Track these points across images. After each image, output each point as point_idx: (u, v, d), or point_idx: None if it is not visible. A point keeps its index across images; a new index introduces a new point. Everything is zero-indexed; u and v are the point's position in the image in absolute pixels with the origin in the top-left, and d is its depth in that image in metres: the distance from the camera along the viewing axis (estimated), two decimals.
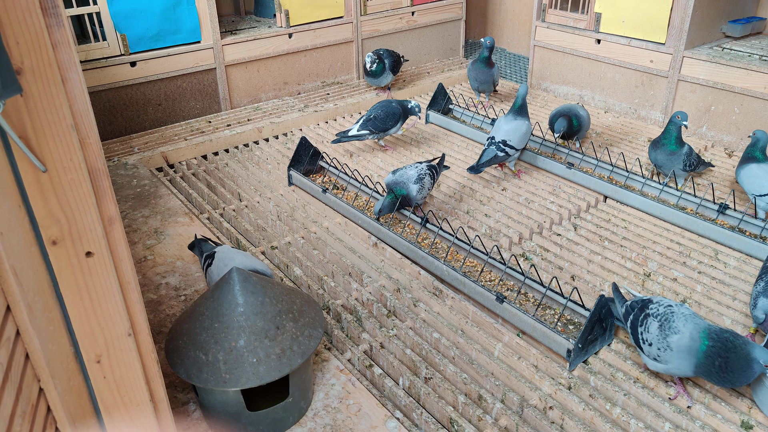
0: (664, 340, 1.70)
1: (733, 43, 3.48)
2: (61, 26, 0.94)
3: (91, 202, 1.01)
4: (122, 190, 2.87)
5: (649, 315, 1.78)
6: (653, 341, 1.73)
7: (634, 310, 1.84)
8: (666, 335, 1.70)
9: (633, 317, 1.82)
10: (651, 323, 1.75)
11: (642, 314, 1.80)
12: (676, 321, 1.72)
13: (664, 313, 1.75)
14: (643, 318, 1.79)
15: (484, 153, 2.88)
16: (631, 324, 1.83)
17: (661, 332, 1.71)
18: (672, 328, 1.70)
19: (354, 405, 1.70)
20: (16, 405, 0.89)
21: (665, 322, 1.72)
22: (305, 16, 3.96)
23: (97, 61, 3.26)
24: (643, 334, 1.76)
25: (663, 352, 1.71)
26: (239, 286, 1.53)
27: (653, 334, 1.73)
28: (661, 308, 1.77)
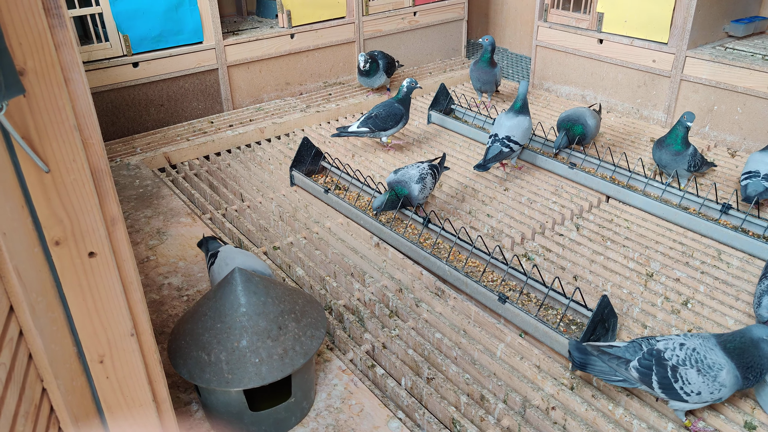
0: (714, 382, 1.58)
1: (736, 43, 3.47)
2: (64, 27, 0.94)
3: (93, 202, 1.02)
4: (125, 191, 2.87)
5: (677, 367, 1.60)
6: (702, 389, 1.58)
7: (652, 367, 1.62)
8: (714, 377, 1.58)
9: (659, 376, 1.61)
10: (687, 374, 1.59)
11: (667, 370, 1.61)
12: (708, 356, 1.60)
13: (689, 356, 1.61)
14: (672, 373, 1.60)
15: (489, 150, 2.88)
16: (661, 385, 1.61)
17: (705, 377, 1.58)
18: (713, 367, 1.59)
19: (356, 405, 1.70)
20: (19, 405, 0.89)
21: (700, 365, 1.59)
22: (307, 16, 3.96)
23: (100, 61, 3.26)
24: (685, 388, 1.59)
25: (718, 392, 1.59)
26: (242, 286, 1.53)
27: (697, 383, 1.58)
28: (681, 352, 1.62)
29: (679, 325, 2.05)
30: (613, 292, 2.22)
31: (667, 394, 1.62)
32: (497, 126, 2.93)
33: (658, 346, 1.66)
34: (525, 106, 2.93)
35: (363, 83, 3.97)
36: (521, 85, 2.94)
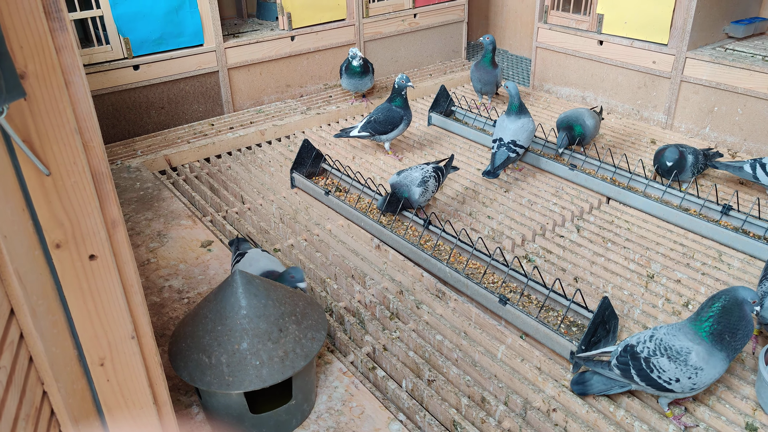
0: (686, 366, 1.61)
1: (736, 44, 3.47)
2: (65, 30, 0.94)
3: (94, 205, 1.02)
4: (125, 193, 2.87)
5: (648, 358, 1.64)
6: (678, 375, 1.61)
7: (628, 362, 1.67)
8: (684, 361, 1.61)
9: (636, 370, 1.65)
10: (659, 362, 1.63)
11: (641, 362, 1.65)
12: (674, 343, 1.64)
13: (657, 345, 1.65)
14: (646, 364, 1.64)
15: (496, 156, 2.88)
16: (640, 377, 1.65)
17: (676, 362, 1.62)
18: (681, 352, 1.62)
19: (357, 407, 1.70)
20: (19, 408, 0.89)
21: (669, 351, 1.63)
22: (307, 18, 3.96)
23: (101, 64, 3.27)
24: (662, 376, 1.62)
25: (696, 376, 1.61)
26: (242, 288, 1.53)
27: (671, 369, 1.62)
28: (650, 344, 1.67)
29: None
30: (613, 294, 2.22)
31: (650, 385, 1.65)
32: (501, 130, 2.93)
33: (631, 341, 1.71)
34: (523, 107, 2.93)
35: (351, 86, 3.80)
36: (511, 87, 2.92)
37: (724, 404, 1.74)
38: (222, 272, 2.30)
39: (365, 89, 3.86)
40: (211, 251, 2.43)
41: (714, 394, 1.79)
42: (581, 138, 3.09)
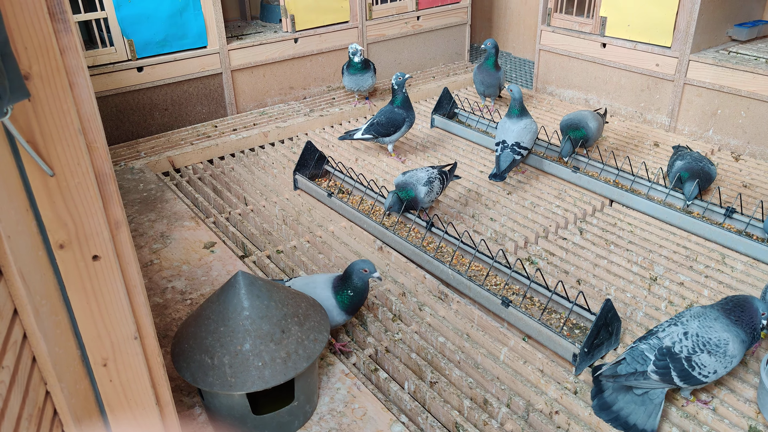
0: (725, 356, 1.64)
1: (740, 47, 3.47)
2: (69, 32, 0.95)
3: (98, 206, 1.02)
4: (129, 194, 2.88)
5: (690, 357, 1.63)
6: (717, 368, 1.64)
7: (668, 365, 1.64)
8: (724, 353, 1.64)
9: (677, 371, 1.63)
10: (701, 359, 1.63)
11: (682, 363, 1.64)
12: (712, 336, 1.65)
13: (696, 342, 1.65)
14: (688, 364, 1.63)
15: (501, 159, 2.87)
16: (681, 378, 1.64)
17: (717, 356, 1.64)
18: (720, 344, 1.64)
19: (359, 409, 1.70)
20: (22, 408, 0.89)
21: (709, 346, 1.64)
22: (311, 21, 3.97)
23: (105, 66, 3.28)
24: (703, 372, 1.64)
25: (731, 364, 1.66)
26: (245, 290, 1.54)
27: (712, 363, 1.64)
28: (687, 342, 1.66)
29: None
30: (616, 296, 2.21)
31: (689, 382, 1.65)
32: (504, 132, 2.92)
33: (665, 343, 1.67)
34: (524, 109, 2.93)
35: (352, 83, 3.79)
36: (514, 90, 2.93)
37: (727, 407, 1.74)
38: (225, 273, 2.30)
39: (366, 86, 3.83)
40: (214, 252, 2.43)
41: (717, 397, 1.78)
42: (584, 141, 3.09)
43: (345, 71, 3.78)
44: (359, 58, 3.68)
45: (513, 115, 2.93)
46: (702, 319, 1.70)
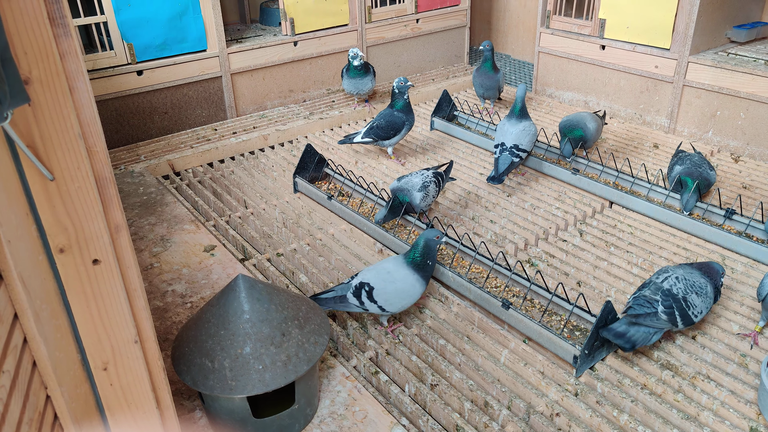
0: (707, 297, 1.94)
1: (738, 48, 3.47)
2: (69, 36, 0.95)
3: (98, 210, 1.02)
4: (129, 198, 2.88)
5: (685, 297, 1.89)
6: (702, 309, 1.92)
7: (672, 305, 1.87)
8: (706, 293, 1.93)
9: (679, 311, 1.88)
10: (692, 299, 1.90)
11: (681, 302, 1.88)
12: (696, 280, 1.94)
13: (687, 285, 1.92)
14: (685, 303, 1.89)
15: (499, 161, 2.87)
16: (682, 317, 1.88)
17: (702, 297, 1.92)
18: (703, 287, 1.93)
19: (360, 412, 1.70)
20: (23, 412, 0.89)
21: (696, 288, 1.92)
22: (310, 24, 3.98)
23: (105, 70, 3.28)
24: (694, 311, 1.90)
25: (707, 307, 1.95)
26: (245, 293, 1.54)
27: (699, 304, 1.91)
28: (680, 284, 1.91)
29: (683, 331, 2.04)
30: (617, 298, 2.21)
31: (684, 322, 1.88)
32: (502, 134, 2.92)
33: (665, 286, 1.92)
34: (525, 110, 2.93)
35: (352, 87, 3.80)
36: (520, 89, 2.93)
37: (728, 409, 1.74)
38: (225, 277, 2.30)
39: (366, 90, 3.83)
40: (214, 256, 2.43)
41: (718, 398, 1.78)
42: (583, 141, 3.09)
43: (344, 75, 3.79)
44: (359, 62, 3.68)
45: (513, 117, 2.92)
46: (685, 269, 1.98)
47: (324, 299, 1.98)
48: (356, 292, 1.97)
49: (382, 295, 1.96)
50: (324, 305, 1.97)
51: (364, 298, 1.95)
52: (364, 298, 1.95)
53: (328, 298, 1.98)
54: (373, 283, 1.96)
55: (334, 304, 1.98)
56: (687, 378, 1.85)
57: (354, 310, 1.99)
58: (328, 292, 2.00)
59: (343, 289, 2.00)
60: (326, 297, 1.99)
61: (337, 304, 1.97)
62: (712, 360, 1.92)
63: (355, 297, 1.96)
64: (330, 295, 1.99)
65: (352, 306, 1.98)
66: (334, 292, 2.00)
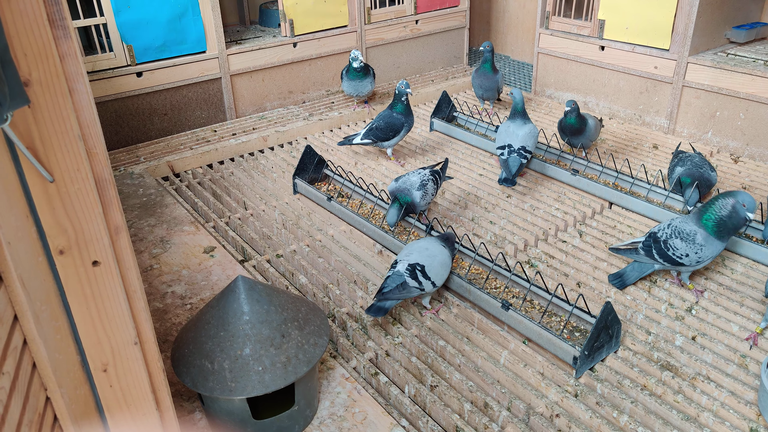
0: (694, 243, 2.09)
1: (738, 49, 3.48)
2: (69, 38, 0.95)
3: (97, 211, 1.02)
4: (128, 200, 2.88)
5: (666, 240, 2.13)
6: (688, 252, 2.10)
7: (651, 245, 2.17)
8: (693, 240, 2.10)
9: (656, 250, 2.15)
10: (674, 243, 2.12)
11: (660, 244, 2.14)
12: (685, 228, 2.13)
13: (673, 230, 2.14)
14: (665, 245, 2.13)
15: (509, 162, 2.88)
16: (660, 255, 2.15)
17: (687, 242, 2.10)
18: (690, 234, 2.11)
19: (360, 413, 1.70)
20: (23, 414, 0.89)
21: (682, 234, 2.11)
22: (310, 25, 3.98)
23: (104, 71, 3.29)
24: (676, 253, 2.11)
25: (702, 251, 2.09)
26: (244, 294, 1.54)
27: (682, 247, 2.10)
28: (668, 230, 2.16)
29: (683, 332, 2.04)
30: (616, 299, 2.21)
31: (665, 260, 2.14)
32: (508, 136, 2.92)
33: (653, 229, 2.22)
34: (526, 113, 2.95)
35: (351, 89, 3.80)
36: (516, 92, 2.94)
37: (728, 409, 1.74)
38: (224, 278, 2.30)
39: (365, 92, 3.84)
40: (214, 257, 2.43)
41: (718, 399, 1.78)
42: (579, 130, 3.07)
43: (344, 76, 3.79)
44: (358, 64, 3.68)
45: (518, 119, 2.93)
46: (685, 218, 2.19)
47: (388, 294, 2.01)
48: (412, 274, 2.02)
49: (433, 270, 2.06)
50: (391, 299, 2.02)
51: (420, 278, 2.03)
52: (421, 278, 2.03)
53: (392, 289, 2.02)
54: (422, 262, 2.06)
55: (399, 294, 2.02)
56: (687, 379, 1.85)
57: (412, 295, 2.05)
58: (384, 288, 2.03)
59: (393, 279, 2.04)
60: (389, 290, 2.02)
61: (401, 292, 2.02)
62: (712, 361, 1.92)
63: (413, 279, 2.03)
64: (391, 286, 2.02)
65: (412, 289, 2.03)
66: (388, 286, 2.03)
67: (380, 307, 2.02)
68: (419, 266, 2.04)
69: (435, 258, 2.09)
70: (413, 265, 2.04)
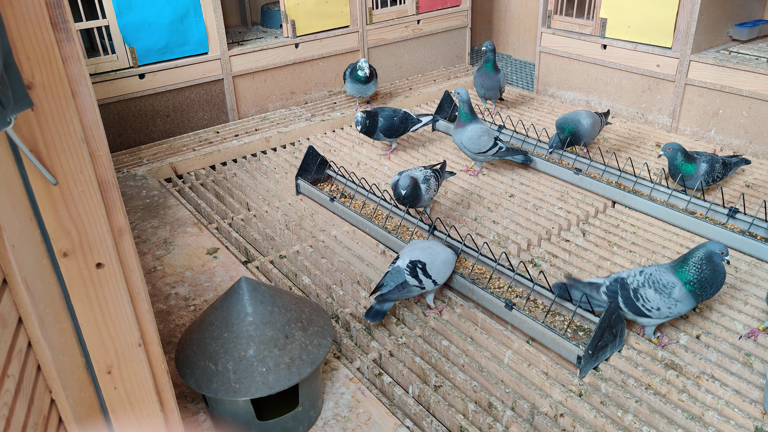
0: (669, 298, 1.90)
1: (740, 47, 3.47)
2: (71, 40, 0.95)
3: (101, 213, 1.02)
4: (131, 201, 2.89)
5: (637, 289, 1.92)
6: (660, 305, 1.90)
7: (617, 290, 1.95)
8: (669, 293, 1.90)
9: (623, 298, 1.94)
10: (646, 293, 1.91)
11: (629, 291, 1.93)
12: (662, 278, 1.92)
13: (647, 279, 1.93)
14: (634, 294, 1.92)
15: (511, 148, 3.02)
16: (626, 304, 1.93)
17: (662, 296, 1.90)
18: (667, 286, 1.90)
19: (364, 414, 1.70)
20: (28, 416, 0.89)
21: (656, 285, 1.91)
22: (311, 26, 3.98)
23: (107, 73, 3.29)
24: (646, 305, 1.91)
25: (675, 307, 1.90)
26: (248, 295, 1.54)
27: (655, 300, 1.90)
28: (640, 278, 1.94)
29: (687, 330, 2.04)
30: None
31: (631, 310, 1.93)
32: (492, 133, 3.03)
33: (623, 275, 1.99)
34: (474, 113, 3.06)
35: (354, 91, 3.82)
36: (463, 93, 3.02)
37: (732, 408, 1.73)
38: (228, 279, 2.30)
39: (369, 94, 3.86)
40: (217, 258, 2.43)
41: (723, 398, 1.78)
42: (575, 137, 3.09)
43: (347, 77, 3.80)
44: (363, 73, 3.71)
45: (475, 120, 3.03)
46: (660, 267, 1.98)
47: (387, 295, 2.02)
48: (412, 272, 2.02)
49: (434, 268, 2.06)
50: (391, 299, 2.02)
51: (421, 276, 2.03)
52: (422, 276, 2.03)
53: (392, 290, 2.02)
54: (423, 259, 2.05)
55: (399, 294, 2.02)
56: (691, 378, 1.85)
57: (412, 294, 2.05)
58: (382, 288, 2.04)
59: (393, 277, 2.04)
60: (388, 291, 2.02)
61: (401, 292, 2.02)
62: (717, 359, 1.92)
63: (413, 277, 2.02)
64: (390, 286, 2.02)
65: (412, 288, 2.03)
66: (388, 285, 2.03)
67: (379, 310, 2.02)
68: (420, 263, 2.04)
69: (437, 256, 2.09)
70: (414, 262, 2.04)
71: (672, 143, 2.73)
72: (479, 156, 3.04)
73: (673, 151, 2.74)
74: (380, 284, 2.04)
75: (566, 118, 3.15)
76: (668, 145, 2.74)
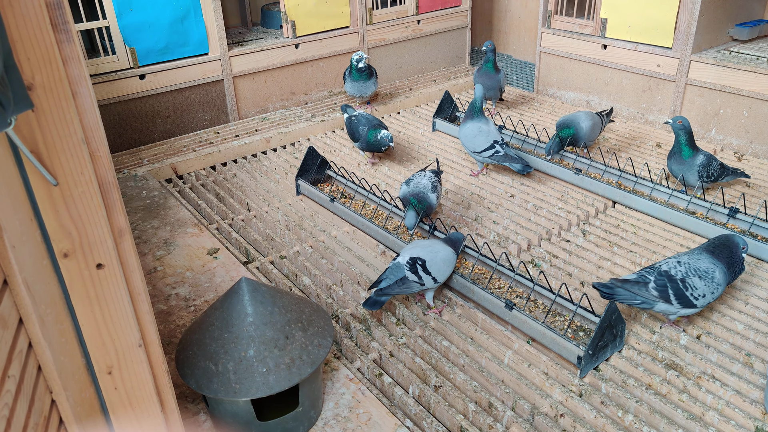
0: (713, 282, 1.95)
1: (741, 47, 3.47)
2: (71, 41, 0.95)
3: (101, 214, 1.02)
4: (132, 202, 2.89)
5: (684, 279, 1.94)
6: (705, 292, 1.94)
7: (666, 284, 1.94)
8: (712, 278, 1.95)
9: (673, 290, 1.93)
10: (693, 282, 1.94)
11: (678, 283, 1.94)
12: (701, 265, 1.97)
13: (689, 268, 1.97)
14: (683, 284, 1.93)
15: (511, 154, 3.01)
16: (676, 296, 1.93)
17: (705, 281, 1.94)
18: (708, 271, 1.96)
19: (364, 414, 1.70)
20: (28, 417, 0.89)
21: (700, 272, 1.96)
22: (311, 26, 3.98)
23: (107, 74, 3.29)
24: (694, 293, 1.93)
25: (717, 291, 1.96)
26: (248, 296, 1.54)
27: (701, 287, 1.94)
28: (681, 268, 1.97)
29: (688, 330, 2.04)
30: None
31: (681, 302, 1.93)
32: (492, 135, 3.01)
33: (664, 268, 1.98)
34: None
35: (355, 90, 3.79)
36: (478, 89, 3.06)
37: (733, 408, 1.73)
38: (228, 280, 2.30)
39: (369, 93, 3.84)
40: (218, 259, 2.44)
41: (723, 398, 1.78)
42: (573, 139, 3.10)
43: (347, 77, 3.79)
44: (363, 64, 3.69)
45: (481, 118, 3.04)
46: (692, 254, 2.03)
47: (386, 289, 2.03)
48: (412, 268, 2.03)
49: (434, 265, 2.07)
50: (389, 294, 2.04)
51: (421, 273, 2.04)
52: (421, 273, 2.04)
53: (392, 284, 2.03)
54: (423, 256, 2.06)
55: (398, 289, 2.03)
56: (692, 378, 1.85)
57: (412, 290, 2.06)
58: (382, 282, 2.05)
59: (393, 271, 2.05)
60: (388, 285, 2.03)
61: (400, 287, 2.03)
62: (717, 359, 1.91)
63: (413, 273, 2.03)
64: (390, 280, 2.04)
65: (412, 284, 2.04)
66: (388, 279, 2.04)
67: (377, 300, 2.04)
68: (420, 260, 2.05)
69: (438, 254, 2.10)
70: (414, 259, 2.05)
71: (682, 117, 2.74)
72: (475, 155, 3.03)
73: (681, 125, 2.70)
74: (380, 278, 2.05)
75: (566, 120, 3.15)
76: (678, 118, 2.72)
